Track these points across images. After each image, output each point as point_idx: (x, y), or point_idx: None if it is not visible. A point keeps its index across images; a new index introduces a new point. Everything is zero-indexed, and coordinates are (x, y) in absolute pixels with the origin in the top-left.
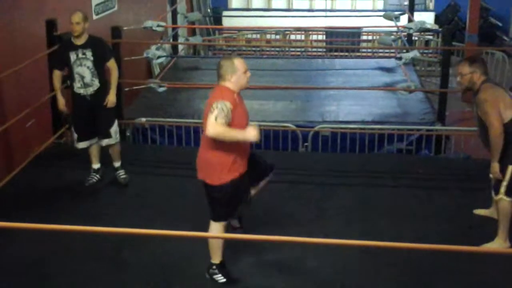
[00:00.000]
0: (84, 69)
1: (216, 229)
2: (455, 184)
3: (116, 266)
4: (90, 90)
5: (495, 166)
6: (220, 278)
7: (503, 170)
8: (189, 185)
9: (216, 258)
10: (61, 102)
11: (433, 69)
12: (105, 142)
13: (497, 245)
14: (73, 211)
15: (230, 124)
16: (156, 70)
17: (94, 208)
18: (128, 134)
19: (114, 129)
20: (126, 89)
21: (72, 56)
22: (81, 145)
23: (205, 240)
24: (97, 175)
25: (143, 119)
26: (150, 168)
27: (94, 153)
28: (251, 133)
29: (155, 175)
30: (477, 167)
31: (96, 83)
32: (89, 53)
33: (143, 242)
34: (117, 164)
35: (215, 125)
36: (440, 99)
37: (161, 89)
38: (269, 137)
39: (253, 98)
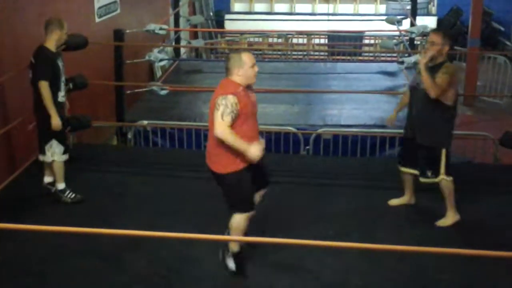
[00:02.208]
0: (64, 76)
1: (240, 221)
2: (456, 187)
3: (116, 267)
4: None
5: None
6: (231, 265)
7: (438, 152)
8: (191, 187)
9: (235, 246)
10: (59, 121)
11: None
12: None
13: (450, 219)
14: (74, 212)
15: (237, 118)
16: (158, 73)
17: (94, 210)
18: (129, 136)
19: None
20: (128, 91)
21: (60, 64)
22: (66, 156)
23: (204, 242)
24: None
25: (145, 122)
26: (151, 170)
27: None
28: (252, 152)
29: (156, 178)
30: (477, 171)
31: None
32: (62, 60)
33: (144, 244)
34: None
35: (222, 124)
36: None
37: (163, 92)
38: (271, 140)
39: None
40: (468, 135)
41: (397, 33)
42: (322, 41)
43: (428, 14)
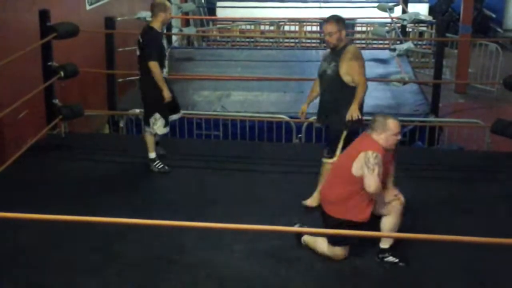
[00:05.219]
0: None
1: (334, 251)
2: (448, 175)
3: (108, 256)
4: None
5: (356, 109)
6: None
7: (338, 133)
8: (182, 175)
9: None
10: (169, 93)
11: (427, 61)
12: (175, 116)
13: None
14: (65, 202)
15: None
16: None
17: (86, 199)
18: (121, 125)
19: None
20: (120, 80)
21: (164, 43)
22: (167, 129)
23: (197, 231)
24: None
25: (137, 110)
26: (143, 158)
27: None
28: None
29: (149, 166)
30: (470, 158)
31: None
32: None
33: (135, 233)
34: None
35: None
36: (434, 91)
37: None
38: (263, 128)
39: (247, 89)
40: (460, 123)
41: (389, 20)
42: (314, 28)
43: (420, 0)
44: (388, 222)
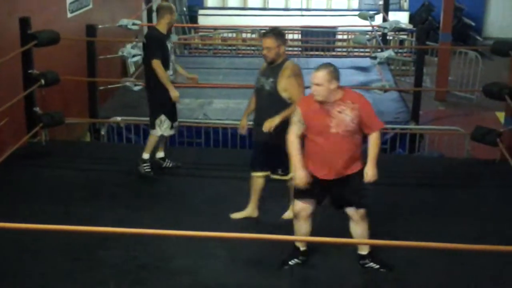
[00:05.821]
0: (173, 55)
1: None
2: (428, 182)
3: (90, 265)
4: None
5: (276, 120)
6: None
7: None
8: (165, 183)
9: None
10: (177, 92)
11: (407, 69)
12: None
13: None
14: (46, 210)
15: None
16: (131, 69)
17: (67, 207)
18: (103, 133)
19: None
20: (101, 87)
21: (169, 46)
22: (172, 132)
23: (179, 238)
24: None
25: (118, 118)
26: (125, 167)
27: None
28: (296, 176)
29: (130, 174)
30: (450, 165)
31: None
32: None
33: (117, 241)
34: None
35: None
36: (414, 98)
37: (136, 88)
38: (245, 136)
39: (228, 97)
40: (440, 130)
41: (370, 28)
42: (296, 36)
43: (400, 9)
44: (357, 230)
